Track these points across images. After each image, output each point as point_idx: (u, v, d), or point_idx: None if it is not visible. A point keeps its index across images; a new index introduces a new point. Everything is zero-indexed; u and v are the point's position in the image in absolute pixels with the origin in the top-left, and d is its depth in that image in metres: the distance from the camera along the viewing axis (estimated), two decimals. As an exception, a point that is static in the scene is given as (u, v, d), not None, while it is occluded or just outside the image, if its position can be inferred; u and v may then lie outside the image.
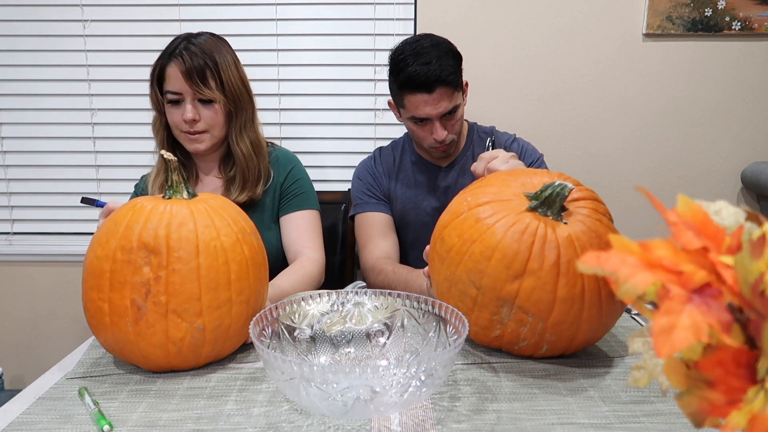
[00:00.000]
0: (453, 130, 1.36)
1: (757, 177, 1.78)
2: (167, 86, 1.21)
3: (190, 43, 1.20)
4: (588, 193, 0.90)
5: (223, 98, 1.21)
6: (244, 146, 1.26)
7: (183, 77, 1.18)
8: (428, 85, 1.27)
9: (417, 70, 1.27)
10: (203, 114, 1.21)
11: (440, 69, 1.26)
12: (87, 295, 0.81)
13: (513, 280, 0.80)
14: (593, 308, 0.81)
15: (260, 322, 0.76)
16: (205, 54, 1.19)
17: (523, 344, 0.85)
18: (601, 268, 0.38)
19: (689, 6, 1.76)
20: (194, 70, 1.17)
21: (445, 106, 1.30)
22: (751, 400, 0.35)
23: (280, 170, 1.34)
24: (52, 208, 1.97)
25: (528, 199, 0.86)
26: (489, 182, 0.92)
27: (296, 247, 1.29)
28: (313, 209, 1.35)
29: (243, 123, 1.26)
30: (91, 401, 0.74)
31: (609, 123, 1.86)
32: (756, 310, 0.35)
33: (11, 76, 1.88)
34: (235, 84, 1.22)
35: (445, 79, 1.27)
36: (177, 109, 1.22)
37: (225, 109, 1.23)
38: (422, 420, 0.71)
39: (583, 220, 0.84)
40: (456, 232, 0.87)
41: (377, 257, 1.38)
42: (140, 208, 0.82)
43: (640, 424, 0.70)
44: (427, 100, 1.29)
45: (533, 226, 0.81)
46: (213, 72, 1.19)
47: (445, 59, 1.29)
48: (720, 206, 0.42)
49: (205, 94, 1.19)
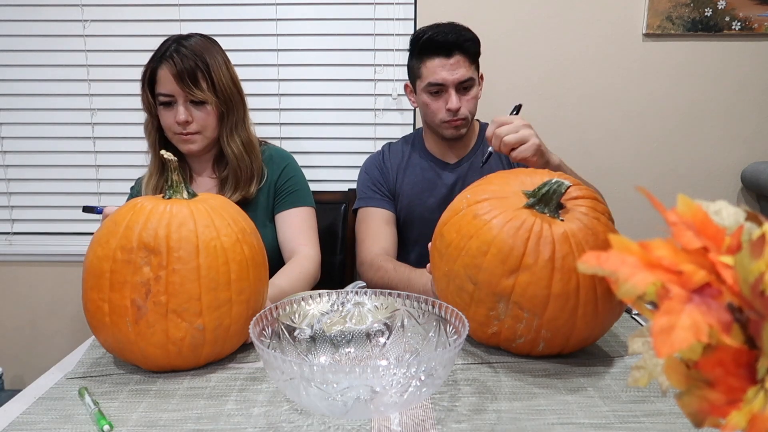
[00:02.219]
0: (467, 105, 1.38)
1: (757, 177, 1.78)
2: (159, 89, 1.21)
3: (181, 45, 1.20)
4: (588, 192, 0.91)
5: (214, 99, 1.21)
6: (236, 146, 1.26)
7: (174, 79, 1.18)
8: (447, 47, 1.34)
9: (436, 34, 1.35)
10: (195, 115, 1.22)
11: (458, 35, 1.34)
12: (87, 295, 0.82)
13: (509, 275, 0.81)
14: (588, 305, 0.82)
15: (260, 322, 0.76)
16: (196, 56, 1.19)
17: (520, 341, 0.85)
18: (601, 268, 0.38)
19: (689, 6, 1.76)
20: (185, 72, 1.17)
21: (462, 74, 1.35)
22: (751, 400, 0.35)
23: (274, 168, 1.34)
24: (52, 208, 1.96)
25: (526, 196, 0.87)
26: (490, 180, 0.94)
27: (292, 245, 1.29)
28: (307, 206, 1.35)
29: (234, 123, 1.26)
30: (91, 401, 0.74)
31: (609, 123, 1.86)
32: (756, 310, 0.35)
33: (11, 76, 1.88)
34: (226, 85, 1.23)
35: (463, 46, 1.34)
36: (169, 111, 1.22)
37: (217, 110, 1.23)
38: (422, 420, 0.71)
39: (580, 218, 0.85)
40: (455, 228, 0.88)
41: (376, 253, 1.37)
42: (140, 208, 0.82)
43: (640, 424, 0.70)
44: (444, 64, 1.34)
45: (529, 222, 0.83)
46: (204, 73, 1.20)
47: (465, 32, 1.37)
48: (720, 206, 0.42)
49: (197, 96, 1.19)
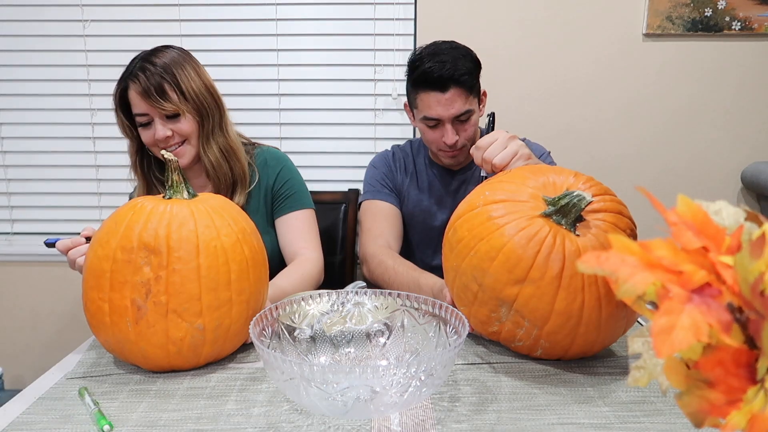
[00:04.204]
0: (465, 135, 1.33)
1: (757, 177, 1.78)
2: (134, 110, 1.19)
3: (146, 62, 1.18)
4: (613, 205, 0.86)
5: (188, 108, 1.19)
6: (212, 154, 1.23)
7: (142, 97, 1.16)
8: (442, 83, 1.26)
9: (432, 67, 1.26)
10: (175, 128, 1.19)
11: (455, 68, 1.26)
12: (87, 295, 0.82)
13: (513, 284, 0.80)
14: (591, 326, 0.80)
15: (260, 322, 0.76)
16: (161, 69, 1.17)
17: (519, 344, 0.85)
18: (601, 268, 0.38)
19: (689, 6, 1.76)
20: (152, 88, 1.15)
21: (458, 108, 1.28)
22: (751, 399, 0.35)
23: (269, 173, 1.32)
24: (52, 208, 1.96)
25: (545, 203, 0.84)
26: (510, 178, 0.90)
27: (293, 248, 1.28)
28: (306, 208, 1.33)
29: (210, 129, 1.23)
30: (91, 401, 0.74)
31: (609, 123, 1.86)
32: (756, 310, 0.35)
33: (11, 76, 1.88)
34: (197, 92, 1.20)
35: (459, 79, 1.26)
36: (149, 130, 1.20)
37: (195, 118, 1.21)
38: (422, 420, 0.71)
39: (597, 235, 0.81)
40: (467, 226, 0.86)
41: (380, 245, 1.34)
42: (140, 208, 0.82)
43: (640, 424, 0.70)
44: (439, 100, 1.28)
45: (542, 234, 0.79)
46: (172, 85, 1.17)
47: (462, 61, 1.28)
48: (720, 206, 0.42)
49: (168, 110, 1.16)
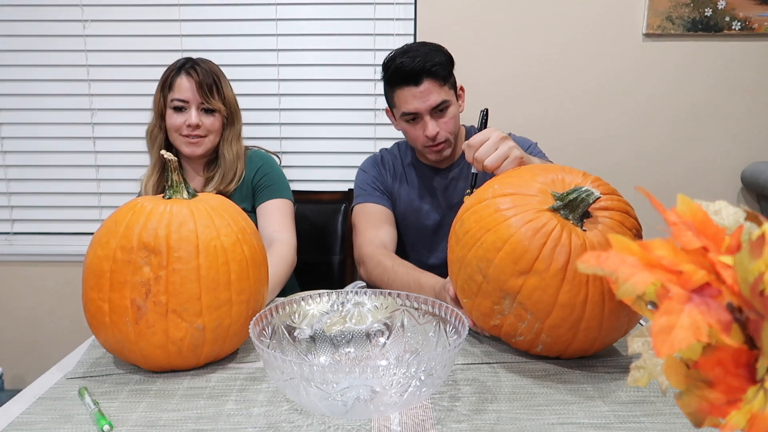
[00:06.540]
0: (446, 128, 1.36)
1: (757, 177, 1.78)
2: (174, 95, 1.37)
3: (196, 63, 1.39)
4: (619, 204, 0.87)
5: (224, 109, 1.40)
6: (230, 154, 1.44)
7: (195, 87, 1.36)
8: (414, 76, 1.30)
9: (403, 62, 1.31)
10: (205, 121, 1.38)
11: (425, 60, 1.29)
12: (87, 295, 0.82)
13: (518, 275, 0.80)
14: (593, 321, 0.80)
15: (260, 322, 0.76)
16: (212, 72, 1.40)
17: (519, 339, 0.85)
18: (601, 267, 0.38)
19: (689, 6, 1.76)
20: (204, 84, 1.37)
21: (434, 100, 1.31)
22: (751, 399, 0.35)
23: (251, 167, 1.46)
24: (52, 208, 1.97)
25: (553, 198, 0.85)
26: (519, 173, 0.91)
27: (267, 233, 1.36)
28: (283, 198, 1.43)
29: (234, 134, 1.44)
30: (91, 401, 0.74)
31: (608, 123, 1.86)
32: (755, 310, 0.35)
33: (11, 76, 1.88)
34: (231, 100, 1.44)
35: (431, 70, 1.30)
36: (180, 114, 1.38)
37: (222, 119, 1.41)
38: (422, 420, 0.71)
39: (603, 231, 0.82)
40: (475, 217, 0.87)
41: (376, 245, 1.34)
42: (140, 208, 0.82)
43: (640, 424, 0.70)
44: (414, 94, 1.31)
45: (549, 227, 0.80)
46: (218, 87, 1.39)
47: (433, 54, 1.32)
48: (720, 206, 0.42)
49: (212, 105, 1.38)
